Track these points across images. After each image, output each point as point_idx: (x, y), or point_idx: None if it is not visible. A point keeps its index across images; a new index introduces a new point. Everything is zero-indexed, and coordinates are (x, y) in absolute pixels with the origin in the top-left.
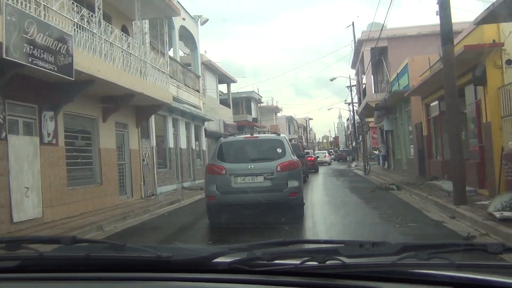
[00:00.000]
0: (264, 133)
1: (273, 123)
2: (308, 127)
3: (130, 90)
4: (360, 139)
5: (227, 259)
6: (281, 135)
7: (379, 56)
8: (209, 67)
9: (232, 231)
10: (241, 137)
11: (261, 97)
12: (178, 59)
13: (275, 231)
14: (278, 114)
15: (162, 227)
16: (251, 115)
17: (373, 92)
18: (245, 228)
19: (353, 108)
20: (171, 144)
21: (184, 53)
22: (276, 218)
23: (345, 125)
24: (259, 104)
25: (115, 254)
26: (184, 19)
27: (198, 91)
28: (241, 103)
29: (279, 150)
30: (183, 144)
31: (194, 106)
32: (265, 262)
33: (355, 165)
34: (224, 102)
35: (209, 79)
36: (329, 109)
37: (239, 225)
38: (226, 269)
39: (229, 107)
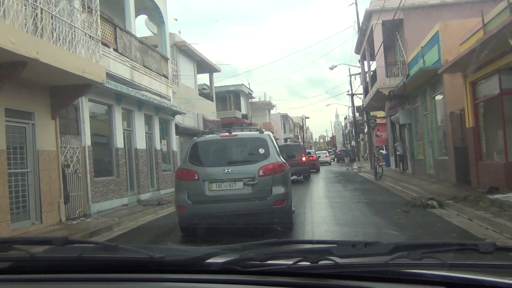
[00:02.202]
0: (250, 130)
1: (266, 121)
2: (304, 126)
3: (12, 53)
4: (360, 137)
5: (220, 259)
6: (265, 132)
7: (392, 32)
8: (184, 50)
9: None
10: (217, 135)
11: (252, 91)
12: (133, 31)
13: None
14: (272, 112)
15: None
16: (240, 111)
17: (386, 76)
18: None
19: (352, 101)
20: (119, 143)
21: (153, 33)
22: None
23: (343, 124)
24: (250, 100)
25: (107, 255)
26: None
27: (165, 76)
28: (229, 98)
29: (261, 151)
30: (140, 144)
31: (160, 95)
32: (258, 262)
33: (358, 167)
34: (209, 95)
35: (185, 65)
36: (327, 105)
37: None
38: (219, 269)
39: (212, 100)
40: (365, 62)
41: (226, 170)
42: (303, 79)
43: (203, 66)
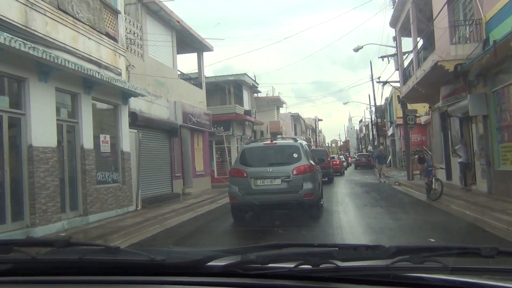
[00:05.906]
0: (284, 139)
1: (274, 119)
2: (317, 128)
3: None
4: (379, 141)
5: (221, 262)
6: (298, 140)
7: None
8: (155, 11)
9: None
10: (261, 143)
11: (258, 84)
12: None
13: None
14: (282, 111)
15: None
16: (242, 106)
17: (450, 43)
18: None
19: (374, 95)
20: None
21: None
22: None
23: (357, 127)
24: (255, 95)
25: (109, 257)
26: None
27: (112, 38)
28: (228, 90)
29: (295, 155)
30: (42, 138)
31: (98, 63)
32: (259, 265)
33: (386, 176)
34: (197, 82)
35: (156, 32)
36: (344, 104)
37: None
38: (220, 272)
39: (201, 88)
40: (401, 41)
41: (267, 170)
42: (310, 84)
43: (187, 41)
